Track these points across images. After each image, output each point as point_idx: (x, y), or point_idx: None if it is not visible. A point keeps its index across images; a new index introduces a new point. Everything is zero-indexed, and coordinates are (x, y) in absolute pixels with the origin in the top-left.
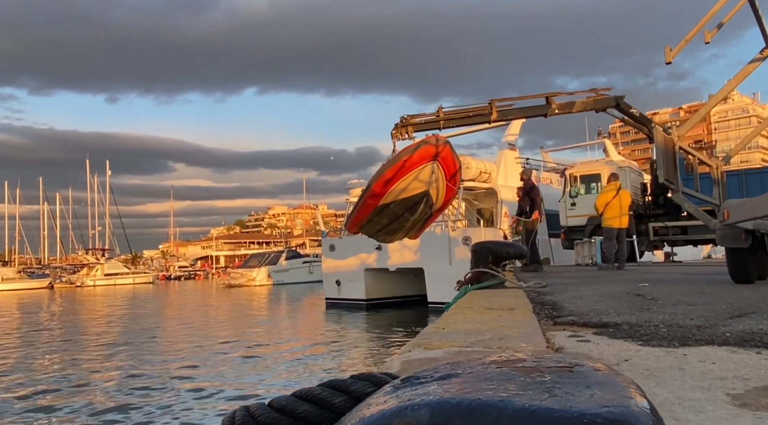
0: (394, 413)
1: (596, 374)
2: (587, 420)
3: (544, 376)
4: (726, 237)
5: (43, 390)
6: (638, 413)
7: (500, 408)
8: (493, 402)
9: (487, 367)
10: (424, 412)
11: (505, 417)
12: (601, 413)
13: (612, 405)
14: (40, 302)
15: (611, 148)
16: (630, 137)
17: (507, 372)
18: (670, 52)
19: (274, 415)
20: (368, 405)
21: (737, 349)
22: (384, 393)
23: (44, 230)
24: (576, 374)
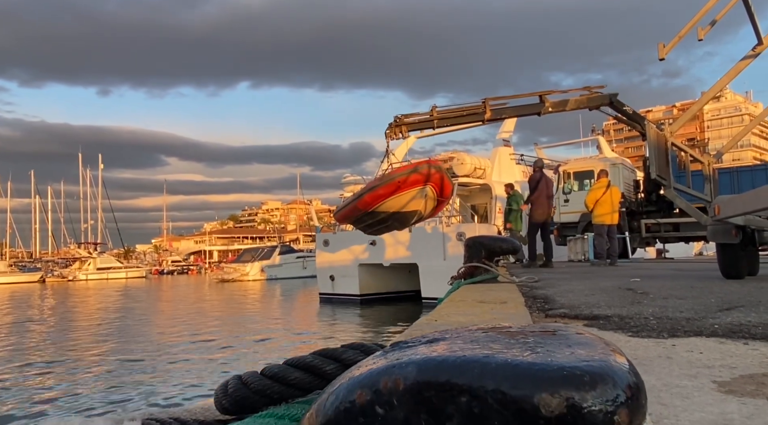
0: (382, 371)
1: (578, 336)
2: (566, 372)
3: (527, 338)
4: (717, 233)
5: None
6: (616, 367)
7: (484, 363)
8: (477, 358)
9: (473, 333)
10: (411, 369)
11: (488, 371)
12: (580, 366)
13: (591, 359)
14: (33, 296)
15: (605, 145)
16: (624, 134)
17: (492, 335)
18: (663, 48)
19: (266, 382)
20: (358, 367)
21: (725, 340)
22: (373, 357)
23: (36, 223)
24: (558, 336)
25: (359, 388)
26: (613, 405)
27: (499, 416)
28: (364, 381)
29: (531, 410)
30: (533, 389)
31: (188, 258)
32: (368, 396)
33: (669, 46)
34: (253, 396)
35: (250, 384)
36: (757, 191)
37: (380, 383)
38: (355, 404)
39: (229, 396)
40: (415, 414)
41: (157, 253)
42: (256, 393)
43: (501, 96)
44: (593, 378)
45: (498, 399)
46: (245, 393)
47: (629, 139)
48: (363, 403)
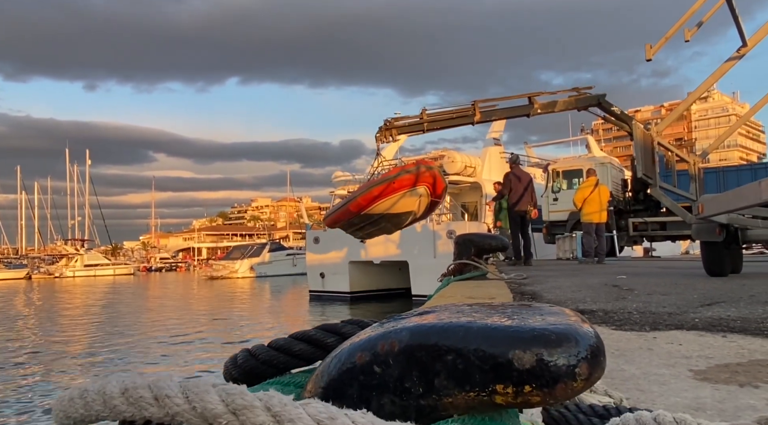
0: (379, 336)
1: (551, 308)
2: (536, 333)
3: (506, 309)
4: (701, 231)
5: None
6: (580, 330)
7: (467, 328)
8: (461, 324)
9: (459, 306)
10: (405, 334)
11: (470, 333)
12: (549, 328)
13: (558, 324)
14: (19, 292)
15: (594, 144)
16: (612, 134)
17: (476, 307)
18: (651, 49)
19: (273, 353)
20: (357, 336)
21: (704, 333)
22: (371, 327)
23: (22, 219)
24: (533, 308)
25: (359, 351)
26: (575, 359)
27: (479, 371)
28: (364, 345)
29: (506, 364)
30: (508, 347)
31: (177, 255)
32: (367, 358)
33: (656, 47)
34: (261, 366)
35: (258, 356)
36: (740, 189)
37: (378, 346)
38: (356, 364)
39: (239, 367)
40: (408, 371)
41: (146, 250)
42: (263, 364)
43: (490, 98)
44: (559, 337)
45: (479, 357)
46: (254, 364)
47: (618, 138)
48: (363, 363)
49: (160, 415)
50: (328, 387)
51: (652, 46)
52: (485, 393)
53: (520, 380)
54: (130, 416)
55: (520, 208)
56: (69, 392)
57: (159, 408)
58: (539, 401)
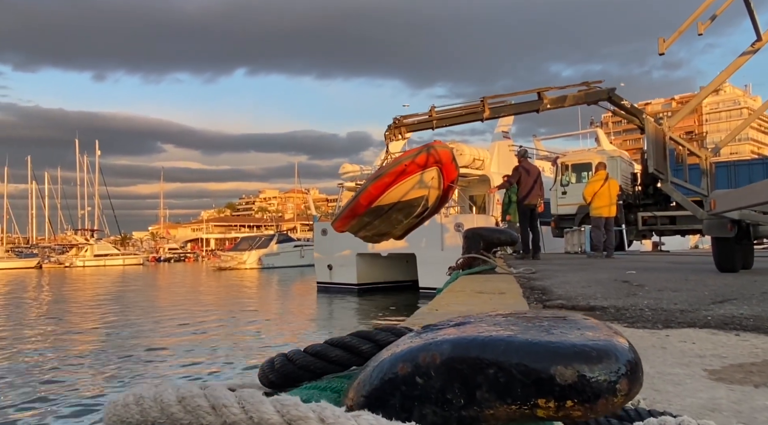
0: (421, 348)
1: (585, 321)
2: (577, 349)
3: (542, 322)
4: (712, 227)
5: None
6: (619, 346)
7: (508, 342)
8: (502, 337)
9: (494, 317)
10: (446, 346)
11: (512, 347)
12: (589, 344)
13: (598, 339)
14: (31, 282)
15: (603, 137)
16: (622, 126)
17: (512, 319)
18: (664, 43)
19: (310, 359)
20: (396, 345)
21: (717, 331)
22: (408, 337)
23: (32, 209)
24: (568, 321)
25: (401, 362)
26: (616, 376)
27: (521, 384)
28: (405, 356)
29: (548, 379)
30: (550, 362)
31: (185, 246)
32: (409, 369)
33: (669, 41)
34: (298, 371)
35: (296, 361)
36: (753, 186)
37: (419, 357)
38: (398, 375)
39: (276, 371)
40: (450, 383)
41: (154, 240)
42: (300, 368)
43: (499, 94)
44: (599, 354)
45: (520, 371)
46: (291, 368)
47: (627, 131)
48: (405, 374)
49: (217, 424)
50: (370, 396)
51: (665, 40)
52: (527, 407)
53: (563, 395)
54: (188, 424)
55: (529, 201)
56: (123, 397)
57: (216, 417)
58: (580, 415)
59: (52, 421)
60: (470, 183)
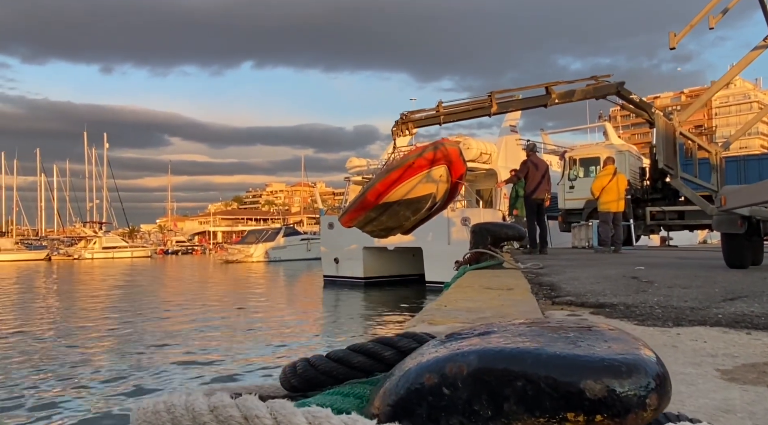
0: (447, 359)
1: (611, 332)
2: (607, 363)
3: (568, 333)
4: (722, 223)
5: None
6: (648, 360)
7: (536, 354)
8: (529, 350)
9: (518, 327)
10: (473, 358)
11: (540, 360)
12: (618, 358)
13: (626, 353)
14: (41, 274)
15: (611, 131)
16: (630, 120)
17: (536, 329)
18: (675, 37)
19: (332, 365)
20: (421, 354)
21: (728, 330)
22: (433, 345)
23: (41, 201)
24: (594, 332)
25: (427, 372)
26: (645, 390)
27: (550, 398)
28: (432, 367)
29: (577, 393)
30: (580, 376)
31: (193, 239)
32: (436, 379)
33: (680, 35)
34: (320, 376)
35: (318, 366)
36: (765, 182)
37: (446, 368)
38: (425, 385)
39: (299, 376)
40: (477, 395)
41: (162, 233)
42: (323, 374)
43: (507, 89)
44: (629, 368)
45: (549, 384)
46: (313, 374)
47: (636, 125)
48: (431, 385)
49: None
50: (396, 406)
51: (675, 34)
52: (555, 421)
53: (592, 409)
54: None
55: (537, 196)
56: (152, 404)
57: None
58: None
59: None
60: (477, 177)
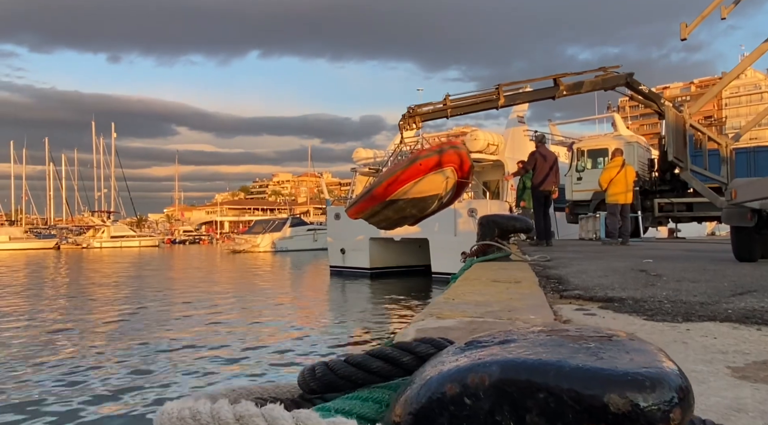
0: (469, 368)
1: (632, 342)
2: (630, 377)
3: (588, 343)
4: (732, 216)
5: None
6: (671, 373)
7: (559, 366)
8: (552, 362)
9: (538, 335)
10: (495, 368)
11: (563, 373)
12: (642, 372)
13: (649, 366)
14: (50, 262)
15: (620, 122)
16: (639, 111)
17: (557, 339)
18: (686, 28)
19: (351, 369)
20: (441, 362)
21: (738, 325)
22: (452, 353)
23: (50, 190)
24: (615, 342)
25: (449, 382)
26: (669, 405)
27: (572, 411)
28: (454, 376)
29: (601, 407)
30: (603, 390)
31: (200, 228)
32: (458, 389)
33: (692, 26)
34: (339, 380)
35: (337, 371)
36: None
37: (468, 378)
38: (446, 395)
39: (318, 379)
40: (499, 406)
41: (170, 222)
42: (341, 378)
43: (514, 81)
44: (653, 382)
45: (572, 397)
46: (332, 378)
47: (644, 116)
48: (453, 395)
49: None
50: (417, 414)
51: (687, 25)
52: None
53: (615, 423)
54: None
55: (545, 188)
56: (176, 410)
57: None
58: None
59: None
60: (484, 168)
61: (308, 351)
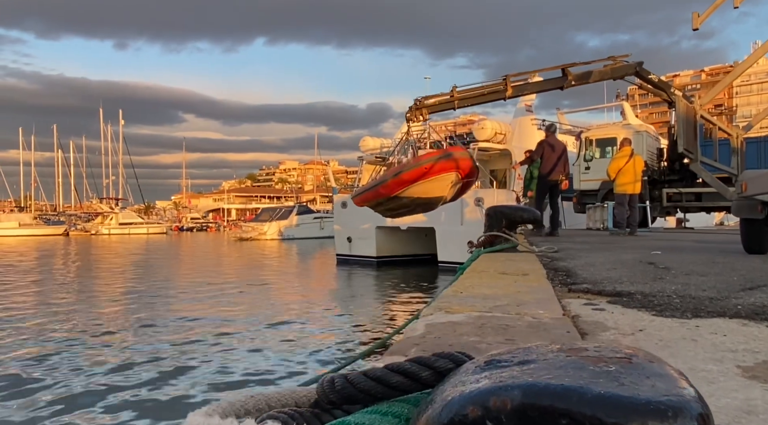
0: (491, 391)
1: (652, 365)
2: (653, 406)
3: (609, 366)
4: (742, 208)
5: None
6: (692, 400)
7: (581, 393)
8: (574, 388)
9: (557, 355)
10: (517, 392)
11: (585, 400)
12: (663, 400)
13: (670, 394)
14: (61, 249)
15: (629, 111)
16: (648, 99)
17: (576, 360)
18: (698, 18)
19: (371, 383)
20: (462, 381)
21: (748, 322)
22: (472, 372)
23: (59, 177)
24: (635, 365)
25: (471, 404)
26: None
27: None
28: (476, 398)
29: None
30: (625, 418)
31: (207, 216)
32: (479, 412)
33: (704, 15)
34: (358, 394)
35: (357, 384)
36: None
37: (490, 401)
38: (468, 417)
39: (337, 392)
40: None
41: (177, 210)
42: (361, 392)
43: (522, 72)
44: (674, 411)
45: (594, 424)
46: (351, 391)
47: (654, 104)
48: (475, 417)
49: None
50: None
51: (699, 15)
52: None
53: None
54: None
55: (552, 177)
56: (205, 421)
57: None
58: None
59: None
60: (491, 157)
61: (317, 342)
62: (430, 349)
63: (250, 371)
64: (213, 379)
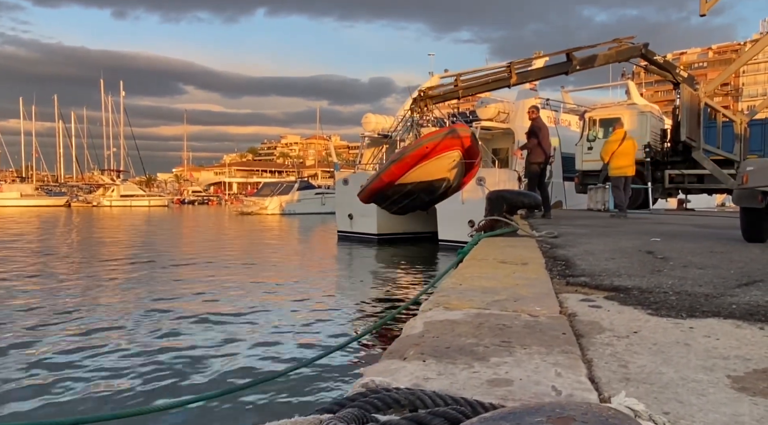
0: None
1: None
2: None
3: None
4: (742, 197)
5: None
6: None
7: None
8: None
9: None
10: None
11: None
12: None
13: None
14: (63, 220)
15: (634, 90)
16: (654, 77)
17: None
18: (706, 4)
19: None
20: None
21: (742, 323)
22: None
23: (60, 147)
24: None
25: None
26: None
27: None
28: None
29: None
30: None
31: (208, 189)
32: None
33: (712, 1)
34: None
35: None
36: None
37: None
38: None
39: None
40: None
41: (178, 183)
42: None
43: (526, 58)
44: None
45: None
46: None
47: (659, 82)
48: None
49: None
50: None
51: (707, 0)
52: None
53: None
54: None
55: (534, 160)
56: None
57: None
58: None
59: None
60: (494, 136)
61: (318, 323)
62: (428, 350)
63: (247, 345)
64: (207, 353)
